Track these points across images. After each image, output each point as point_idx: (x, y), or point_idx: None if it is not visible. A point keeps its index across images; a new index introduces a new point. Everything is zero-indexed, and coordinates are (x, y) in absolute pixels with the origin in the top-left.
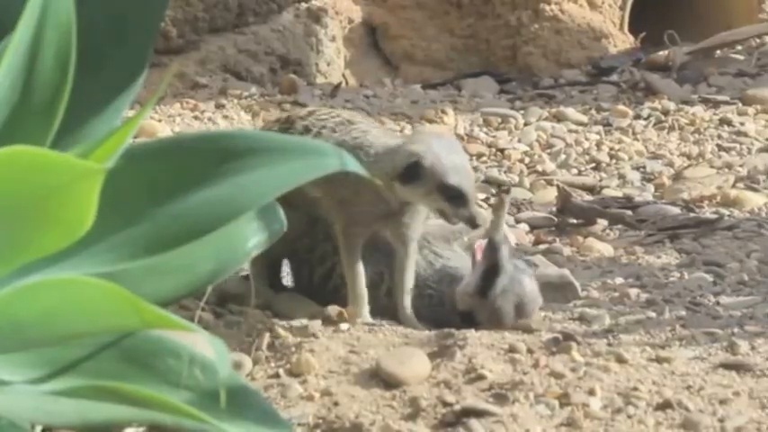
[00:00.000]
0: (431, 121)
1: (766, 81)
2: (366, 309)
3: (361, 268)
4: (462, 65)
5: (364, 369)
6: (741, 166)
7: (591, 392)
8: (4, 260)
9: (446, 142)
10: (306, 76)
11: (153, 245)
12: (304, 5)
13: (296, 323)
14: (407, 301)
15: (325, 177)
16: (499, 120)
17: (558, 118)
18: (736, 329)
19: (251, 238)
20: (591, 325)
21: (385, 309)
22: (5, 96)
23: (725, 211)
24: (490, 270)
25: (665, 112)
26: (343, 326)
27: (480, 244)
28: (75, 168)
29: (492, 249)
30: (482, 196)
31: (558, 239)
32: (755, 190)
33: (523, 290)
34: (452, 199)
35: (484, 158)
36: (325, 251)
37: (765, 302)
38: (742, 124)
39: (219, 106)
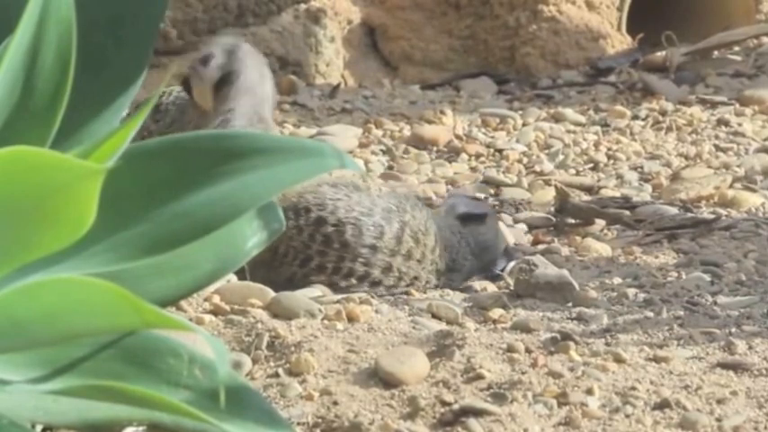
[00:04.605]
0: (429, 122)
1: (764, 82)
2: None
3: None
4: (461, 66)
5: (363, 368)
6: (738, 166)
7: (589, 392)
8: (4, 260)
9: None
10: (305, 76)
11: (153, 245)
12: (303, 6)
13: (295, 323)
14: None
15: None
16: (497, 120)
17: (556, 118)
18: (733, 329)
19: (251, 237)
20: (589, 325)
21: None
22: (5, 96)
23: (722, 212)
24: None
25: (663, 113)
26: (342, 325)
27: None
28: (75, 168)
29: None
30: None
31: (556, 239)
32: (753, 190)
33: None
34: None
35: (482, 159)
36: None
37: (763, 302)
38: (739, 125)
39: None
